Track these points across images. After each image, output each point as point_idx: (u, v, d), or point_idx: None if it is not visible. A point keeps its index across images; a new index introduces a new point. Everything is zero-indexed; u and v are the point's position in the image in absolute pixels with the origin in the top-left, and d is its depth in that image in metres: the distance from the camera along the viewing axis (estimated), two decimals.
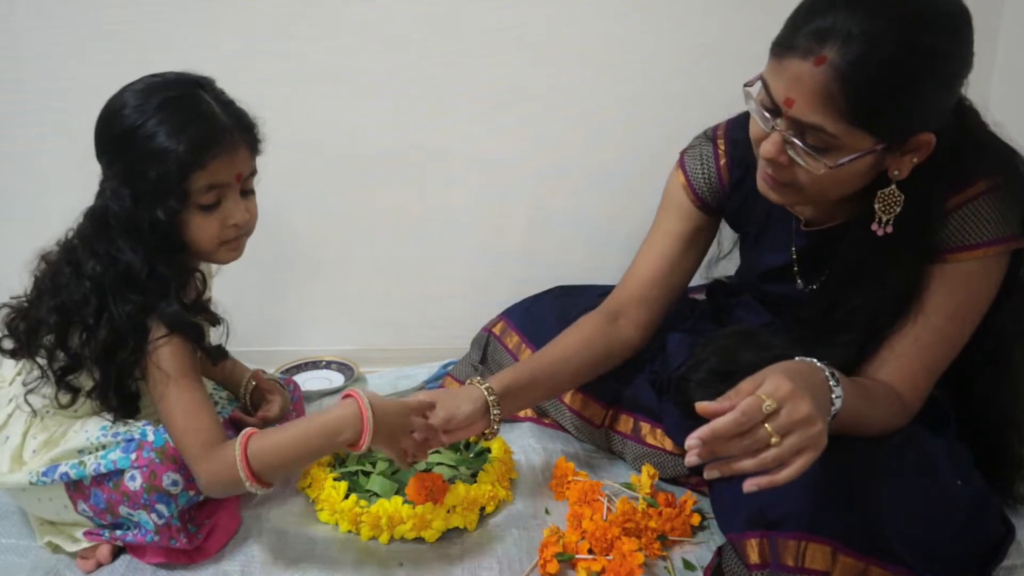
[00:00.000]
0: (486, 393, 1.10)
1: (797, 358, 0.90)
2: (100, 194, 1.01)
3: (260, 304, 1.66)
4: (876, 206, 0.95)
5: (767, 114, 0.92)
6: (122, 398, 1.05)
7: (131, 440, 1.03)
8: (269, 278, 1.65)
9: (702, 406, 0.82)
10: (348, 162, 1.58)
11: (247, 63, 1.50)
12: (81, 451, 1.05)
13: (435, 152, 1.58)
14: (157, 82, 1.00)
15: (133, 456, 1.01)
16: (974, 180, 0.95)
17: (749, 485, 0.81)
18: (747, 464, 0.81)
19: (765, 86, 0.92)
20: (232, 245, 1.07)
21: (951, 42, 0.88)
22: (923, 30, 0.85)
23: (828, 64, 0.85)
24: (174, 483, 1.02)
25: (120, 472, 1.02)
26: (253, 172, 1.07)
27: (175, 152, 0.96)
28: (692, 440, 0.80)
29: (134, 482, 1.01)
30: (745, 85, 0.96)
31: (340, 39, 1.50)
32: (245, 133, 1.04)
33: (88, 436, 1.05)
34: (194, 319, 1.03)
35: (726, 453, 0.81)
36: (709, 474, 0.83)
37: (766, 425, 0.79)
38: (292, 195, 1.60)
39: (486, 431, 1.12)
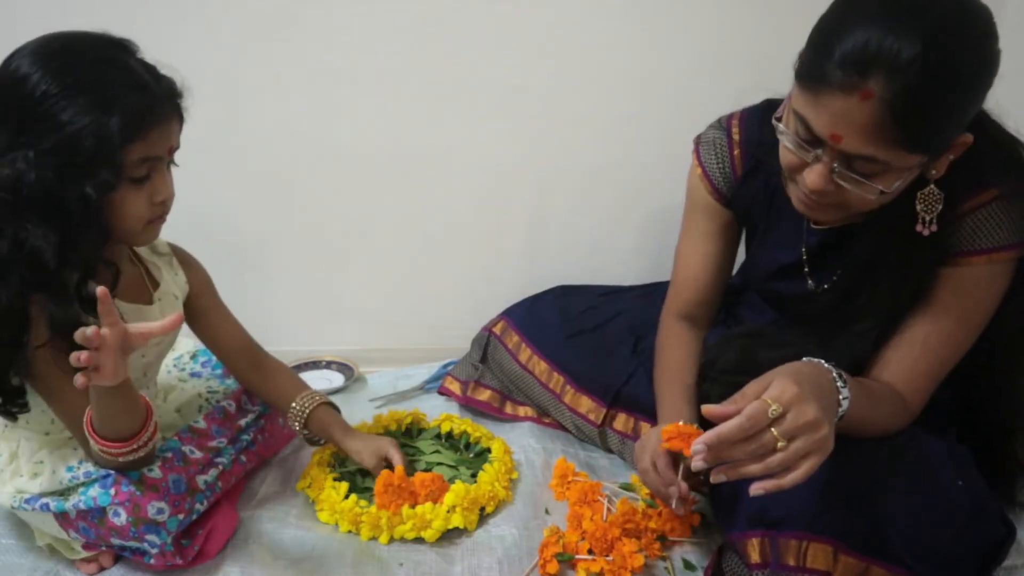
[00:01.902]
0: None
1: (805, 359, 0.89)
2: (1, 165, 0.87)
3: (260, 304, 1.66)
4: (918, 206, 0.93)
5: (807, 146, 0.89)
6: (3, 393, 0.95)
7: (107, 476, 1.01)
8: (269, 278, 1.65)
9: (708, 409, 0.81)
10: (348, 162, 1.58)
11: (247, 64, 1.50)
12: (54, 492, 1.02)
13: (436, 152, 1.58)
14: (76, 43, 0.90)
15: (112, 492, 0.99)
16: (989, 184, 0.94)
17: (755, 489, 0.81)
18: (753, 468, 0.80)
19: (801, 120, 0.88)
20: (155, 224, 0.99)
21: (986, 48, 0.85)
22: (962, 44, 0.82)
23: (875, 98, 0.81)
24: (160, 511, 1.00)
25: (102, 509, 0.99)
26: (179, 146, 0.99)
27: (113, 122, 0.86)
28: (698, 445, 0.80)
29: (119, 518, 0.99)
30: (775, 118, 0.93)
31: (340, 39, 1.50)
32: (175, 104, 0.96)
33: (60, 479, 1.01)
34: (88, 317, 0.90)
35: (732, 458, 0.81)
36: (716, 478, 0.82)
37: (772, 429, 0.79)
38: (292, 195, 1.60)
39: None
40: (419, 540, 1.13)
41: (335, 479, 1.21)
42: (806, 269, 1.11)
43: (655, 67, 1.55)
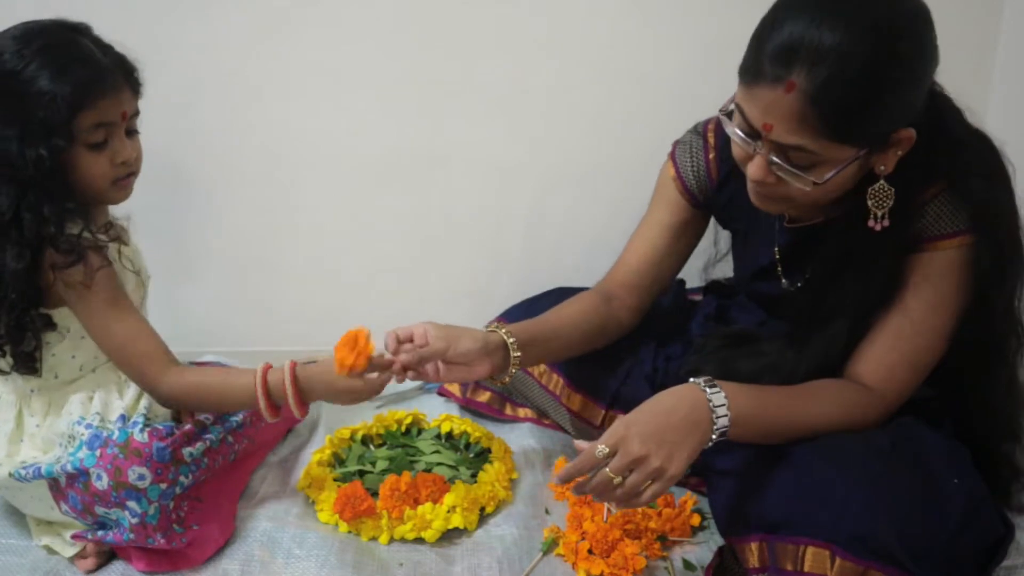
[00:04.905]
0: (505, 336, 1.12)
1: (691, 381, 0.96)
2: None
3: (261, 304, 1.66)
4: (869, 202, 0.95)
5: (747, 138, 0.93)
6: (15, 353, 1.06)
7: (98, 436, 1.04)
8: (270, 277, 1.65)
9: (577, 444, 0.95)
10: (348, 162, 1.58)
11: (247, 64, 1.50)
12: (66, 435, 1.07)
13: (435, 152, 1.58)
14: (35, 28, 1.03)
15: (98, 453, 1.02)
16: (944, 172, 0.96)
17: (619, 507, 0.95)
18: (606, 498, 0.92)
19: (740, 112, 0.93)
20: (122, 184, 1.10)
21: (914, 43, 0.88)
22: (886, 38, 0.85)
23: (798, 90, 0.85)
24: (140, 477, 1.02)
25: (87, 472, 1.02)
26: (136, 112, 1.10)
27: (61, 93, 0.99)
28: (554, 479, 0.99)
29: (101, 481, 1.02)
30: (720, 111, 0.97)
31: (339, 39, 1.49)
32: (127, 75, 1.08)
33: (71, 420, 1.07)
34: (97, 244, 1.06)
35: (585, 491, 0.93)
36: (596, 500, 0.97)
37: (607, 469, 0.90)
38: (293, 195, 1.60)
39: (496, 376, 1.14)
40: (419, 540, 1.13)
41: (335, 479, 1.21)
42: (779, 268, 1.13)
43: (654, 67, 1.55)
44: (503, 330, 1.13)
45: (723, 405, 0.94)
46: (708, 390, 0.95)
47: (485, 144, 1.58)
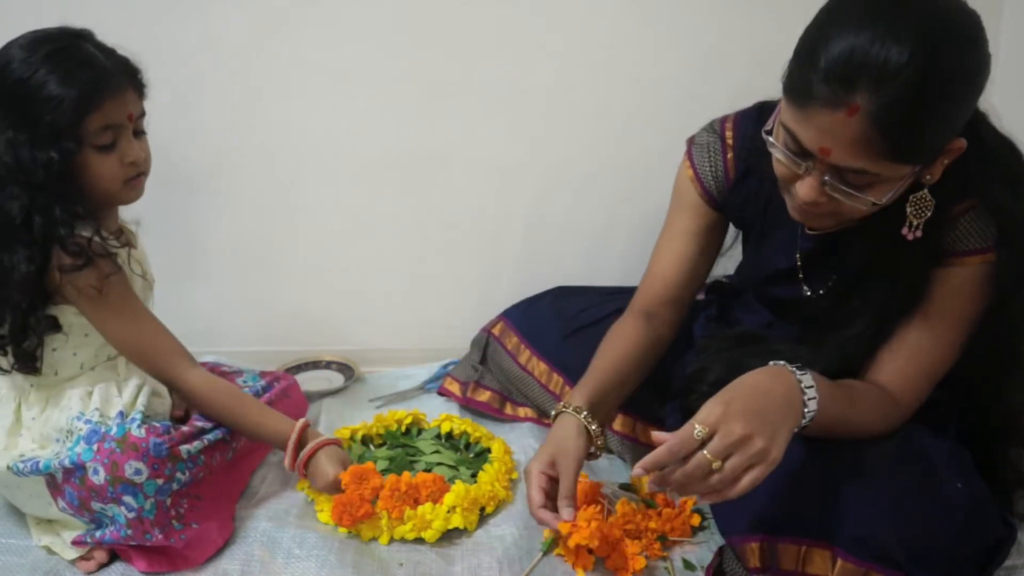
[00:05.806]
0: (583, 420, 1.08)
1: (771, 363, 0.91)
2: None
3: (261, 304, 1.66)
4: (908, 210, 0.92)
5: (796, 158, 0.89)
6: (17, 352, 1.08)
7: (96, 431, 1.05)
8: (269, 277, 1.65)
9: (656, 435, 0.86)
10: (348, 162, 1.58)
11: (247, 64, 1.50)
12: (65, 430, 1.08)
13: (435, 152, 1.58)
14: (40, 36, 1.05)
15: (95, 447, 1.03)
16: (979, 188, 0.94)
17: (703, 501, 0.85)
18: (697, 488, 0.85)
19: (790, 133, 0.88)
20: (133, 184, 1.11)
21: (977, 53, 0.83)
22: (953, 51, 0.80)
23: (862, 113, 0.80)
24: (137, 472, 1.03)
25: (84, 467, 1.03)
26: (142, 113, 1.12)
27: (68, 97, 1.01)
28: (636, 469, 0.85)
29: (97, 476, 1.03)
30: (764, 131, 0.93)
31: (339, 39, 1.50)
32: (130, 77, 1.10)
33: (70, 416, 1.08)
34: (107, 251, 1.08)
35: (675, 480, 0.84)
36: (671, 496, 0.86)
37: (704, 452, 0.82)
38: (293, 195, 1.60)
39: (593, 450, 1.10)
40: (419, 540, 1.13)
41: None
42: (801, 275, 1.11)
43: (654, 67, 1.55)
44: (572, 407, 1.08)
45: (812, 387, 0.88)
46: (797, 372, 0.89)
47: (485, 144, 1.58)
